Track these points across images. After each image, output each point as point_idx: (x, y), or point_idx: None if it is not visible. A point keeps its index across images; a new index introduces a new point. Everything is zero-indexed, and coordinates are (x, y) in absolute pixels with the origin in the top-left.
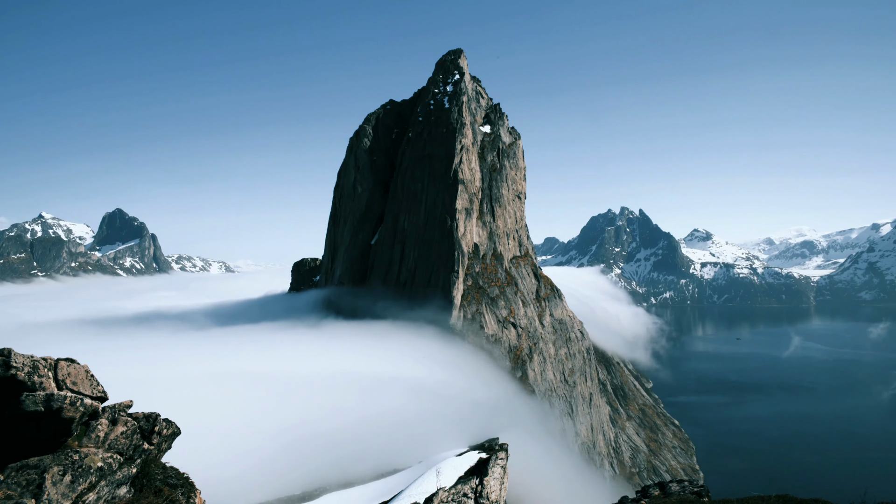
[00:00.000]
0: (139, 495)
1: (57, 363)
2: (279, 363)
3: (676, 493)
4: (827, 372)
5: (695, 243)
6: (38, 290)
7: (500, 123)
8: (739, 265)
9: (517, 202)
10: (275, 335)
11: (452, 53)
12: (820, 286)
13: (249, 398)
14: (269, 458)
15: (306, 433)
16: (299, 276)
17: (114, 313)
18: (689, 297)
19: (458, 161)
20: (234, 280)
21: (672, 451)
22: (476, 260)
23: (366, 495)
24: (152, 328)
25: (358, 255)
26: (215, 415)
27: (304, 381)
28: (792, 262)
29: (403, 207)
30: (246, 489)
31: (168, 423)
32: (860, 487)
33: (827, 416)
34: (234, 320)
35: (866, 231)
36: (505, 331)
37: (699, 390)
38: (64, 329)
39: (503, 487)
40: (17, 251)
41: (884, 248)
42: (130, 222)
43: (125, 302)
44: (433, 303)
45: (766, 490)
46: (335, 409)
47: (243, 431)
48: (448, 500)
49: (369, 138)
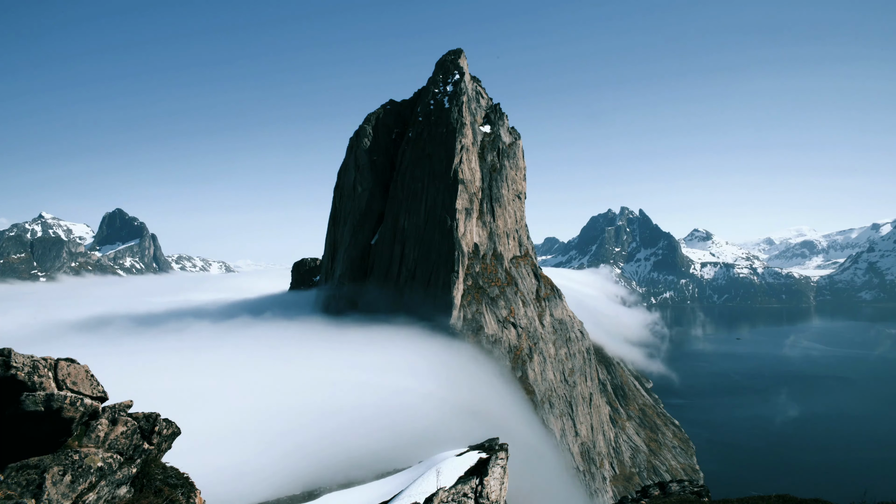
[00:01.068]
0: (139, 495)
1: (57, 363)
2: (279, 363)
3: (676, 493)
4: (827, 372)
5: (695, 243)
6: (42, 289)
7: (500, 123)
8: (739, 265)
9: (517, 202)
10: (275, 336)
11: (452, 53)
12: (820, 286)
13: (249, 398)
14: (269, 458)
15: (306, 433)
16: (299, 276)
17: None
18: (689, 297)
19: (458, 161)
20: (235, 280)
21: (672, 451)
22: (476, 260)
23: (366, 495)
24: (165, 329)
25: (358, 255)
26: (215, 415)
27: (304, 381)
28: (792, 262)
29: (403, 207)
30: (246, 489)
31: (168, 423)
32: (860, 487)
33: (827, 416)
34: (233, 321)
35: (866, 231)
36: (505, 331)
37: (699, 390)
38: (88, 330)
39: (503, 487)
40: (17, 251)
41: (884, 248)
42: (130, 222)
43: (136, 303)
44: (433, 303)
45: (766, 490)
46: (335, 409)
47: (243, 431)
48: (448, 500)
49: (369, 138)
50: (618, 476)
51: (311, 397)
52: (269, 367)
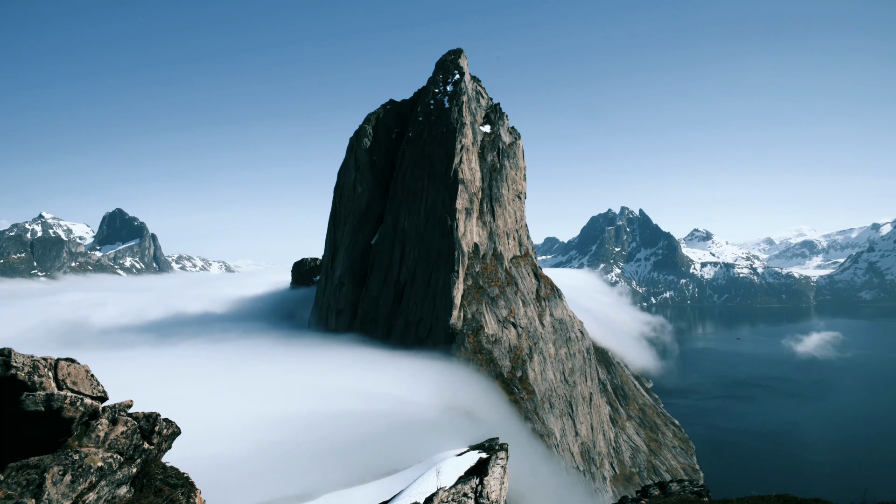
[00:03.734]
0: (139, 495)
1: (57, 363)
2: (279, 364)
3: (676, 493)
4: (827, 372)
5: (695, 243)
6: (46, 289)
7: (500, 123)
8: (739, 265)
9: (517, 202)
10: (275, 336)
11: (452, 53)
12: (820, 286)
13: (249, 399)
14: (270, 458)
15: (306, 433)
16: (299, 276)
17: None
18: (689, 297)
19: (458, 161)
20: (235, 280)
21: (672, 451)
22: (476, 260)
23: (366, 495)
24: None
25: (358, 255)
26: (216, 415)
27: (304, 381)
28: (792, 261)
29: (403, 207)
30: (246, 489)
31: (168, 423)
32: (860, 487)
33: (827, 416)
34: (231, 321)
35: (866, 231)
36: (505, 331)
37: (699, 390)
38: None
39: (503, 487)
40: (17, 251)
41: (884, 248)
42: (130, 222)
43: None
44: (433, 303)
45: (766, 490)
46: (335, 409)
47: (243, 431)
48: (448, 500)
49: (369, 138)
50: (618, 476)
51: (311, 398)
52: (269, 368)
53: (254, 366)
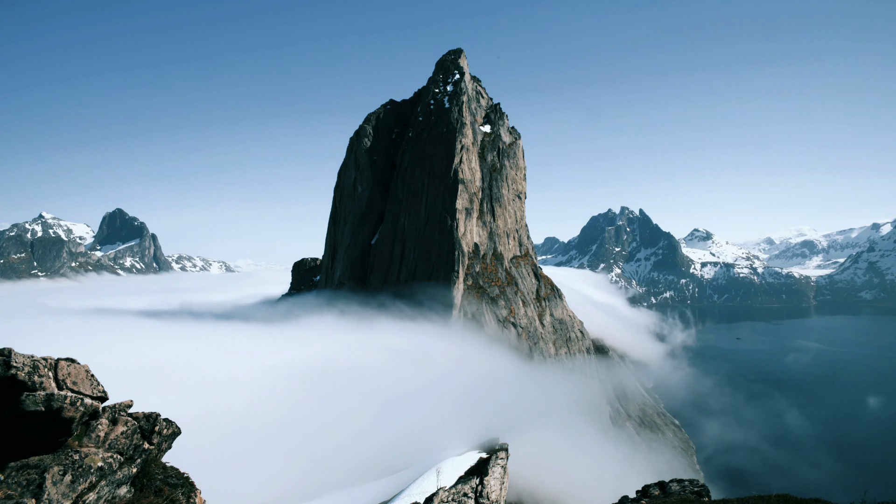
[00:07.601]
0: (139, 495)
1: (57, 363)
2: (279, 364)
3: (676, 493)
4: (827, 372)
5: (695, 243)
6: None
7: (500, 123)
8: (739, 265)
9: (517, 202)
10: (274, 337)
11: (452, 53)
12: (820, 286)
13: (249, 399)
14: (270, 458)
15: (306, 433)
16: (299, 276)
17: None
18: (690, 297)
19: (459, 161)
20: (234, 280)
21: (672, 451)
22: (476, 260)
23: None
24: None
25: (358, 255)
26: (216, 415)
27: (305, 381)
28: (792, 261)
29: (403, 207)
30: (246, 489)
31: (168, 423)
32: (860, 488)
33: (827, 416)
34: (231, 321)
35: (866, 231)
36: (505, 330)
37: (699, 390)
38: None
39: (503, 487)
40: (18, 251)
41: (884, 248)
42: (131, 222)
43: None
44: (433, 302)
45: (766, 490)
46: (335, 409)
47: (244, 431)
48: (448, 500)
49: (369, 138)
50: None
51: (311, 398)
52: (269, 367)
53: (252, 363)
